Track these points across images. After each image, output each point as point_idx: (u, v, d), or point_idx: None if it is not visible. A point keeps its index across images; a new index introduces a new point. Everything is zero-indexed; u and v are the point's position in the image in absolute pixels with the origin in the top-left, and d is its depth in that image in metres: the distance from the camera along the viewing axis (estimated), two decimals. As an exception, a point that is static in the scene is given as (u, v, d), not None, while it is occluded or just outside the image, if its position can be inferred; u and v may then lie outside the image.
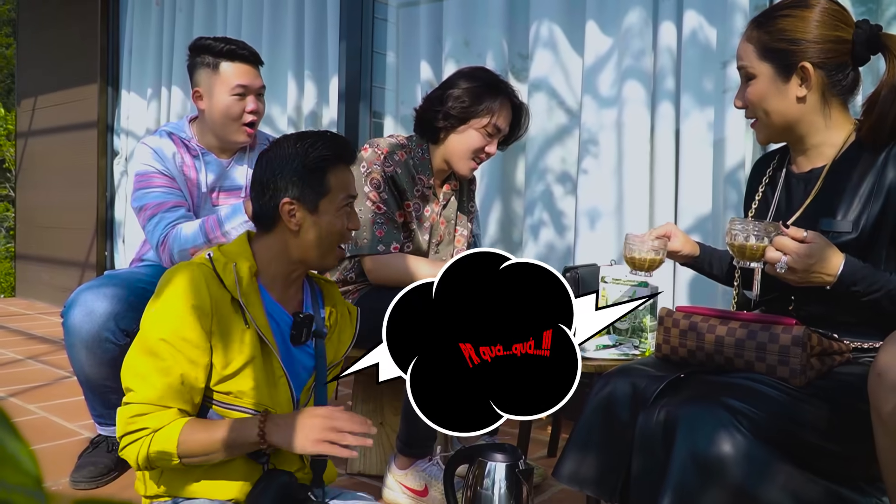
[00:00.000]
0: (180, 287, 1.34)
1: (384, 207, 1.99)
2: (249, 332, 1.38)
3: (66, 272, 5.39)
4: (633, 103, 2.74)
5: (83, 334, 1.93)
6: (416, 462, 1.97)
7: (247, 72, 2.11)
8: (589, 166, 2.86)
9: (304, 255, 1.45)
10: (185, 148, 2.15)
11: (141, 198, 2.08)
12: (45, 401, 2.97)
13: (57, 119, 5.55)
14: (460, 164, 2.09)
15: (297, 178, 1.41)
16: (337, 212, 1.44)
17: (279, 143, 1.46)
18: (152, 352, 1.30)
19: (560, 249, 3.03)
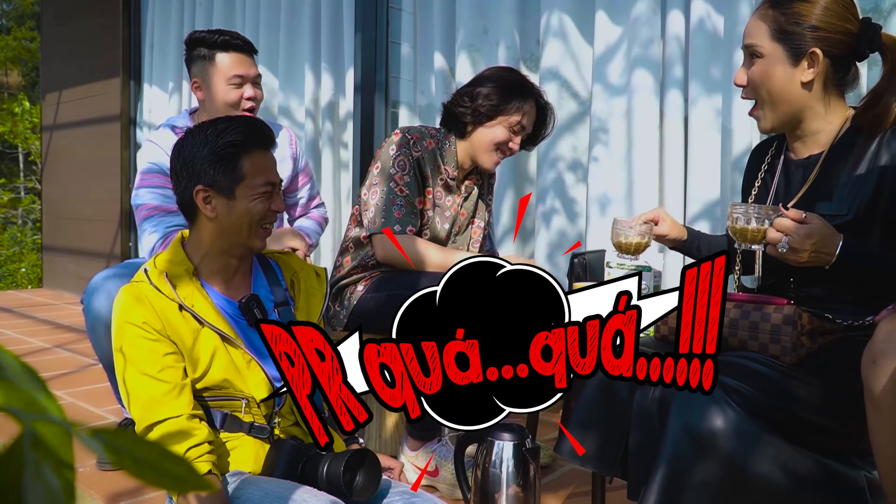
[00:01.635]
0: (127, 311, 1.39)
1: (406, 191, 2.04)
2: (204, 330, 1.42)
3: (91, 263, 5.51)
4: (642, 91, 2.77)
5: (104, 318, 1.99)
6: (427, 443, 2.02)
7: (242, 61, 2.18)
8: (599, 154, 2.90)
9: (229, 242, 1.46)
10: None
11: (141, 196, 2.12)
12: (73, 387, 3.06)
13: (81, 112, 5.66)
14: (484, 157, 2.14)
15: (207, 166, 1.42)
16: (254, 196, 1.43)
17: (191, 132, 1.46)
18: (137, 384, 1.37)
19: (571, 236, 3.07)
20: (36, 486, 0.31)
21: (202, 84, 2.20)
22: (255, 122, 1.48)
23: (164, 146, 2.13)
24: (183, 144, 1.44)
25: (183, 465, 0.35)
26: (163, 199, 2.10)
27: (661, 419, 1.33)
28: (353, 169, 3.83)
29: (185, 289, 1.41)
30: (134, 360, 1.37)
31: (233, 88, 2.16)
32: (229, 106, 2.17)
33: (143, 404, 1.36)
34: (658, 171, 2.79)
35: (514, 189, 3.29)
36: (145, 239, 2.09)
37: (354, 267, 2.16)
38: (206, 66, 2.18)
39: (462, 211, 2.25)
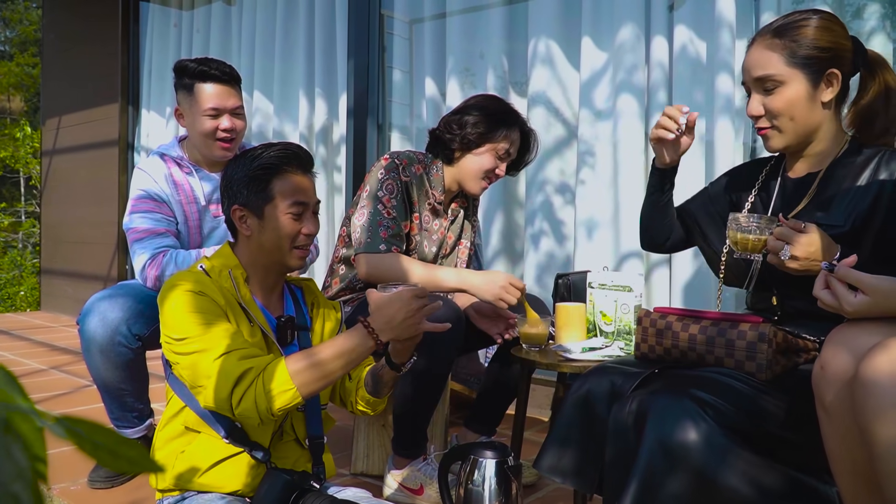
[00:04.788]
0: (189, 286, 1.40)
1: (393, 213, 2.05)
2: (255, 328, 1.47)
3: (88, 286, 5.52)
4: (627, 116, 2.81)
5: (98, 339, 2.01)
6: (412, 462, 2.03)
7: (219, 93, 2.14)
8: (586, 177, 2.94)
9: (265, 259, 1.50)
10: (178, 166, 2.21)
11: (132, 220, 2.14)
12: (68, 408, 3.08)
13: (80, 137, 5.69)
14: (472, 184, 2.17)
15: (242, 187, 1.49)
16: (283, 216, 1.47)
17: (236, 157, 1.53)
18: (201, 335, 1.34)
19: (560, 258, 3.08)
20: (6, 465, 0.35)
21: (184, 112, 2.20)
22: (291, 147, 1.52)
23: (153, 174, 2.18)
24: (227, 168, 1.51)
25: (134, 448, 0.39)
26: (153, 223, 2.13)
27: (637, 433, 1.35)
28: (346, 192, 3.86)
29: (242, 288, 1.47)
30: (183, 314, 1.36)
31: (208, 119, 2.14)
32: (204, 136, 2.16)
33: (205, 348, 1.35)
34: (644, 193, 2.80)
35: (503, 211, 3.31)
36: (136, 260, 2.11)
37: (343, 288, 2.17)
38: (187, 95, 2.17)
39: (449, 234, 2.27)
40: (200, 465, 1.45)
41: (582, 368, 1.81)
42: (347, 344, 1.38)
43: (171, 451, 1.48)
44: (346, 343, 1.38)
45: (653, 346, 1.56)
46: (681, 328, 1.50)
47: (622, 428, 1.39)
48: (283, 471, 1.45)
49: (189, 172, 2.21)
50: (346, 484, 1.92)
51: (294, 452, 1.56)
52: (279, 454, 1.53)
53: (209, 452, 1.45)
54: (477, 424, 2.29)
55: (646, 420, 1.32)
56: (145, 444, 2.12)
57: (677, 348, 1.51)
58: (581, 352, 1.89)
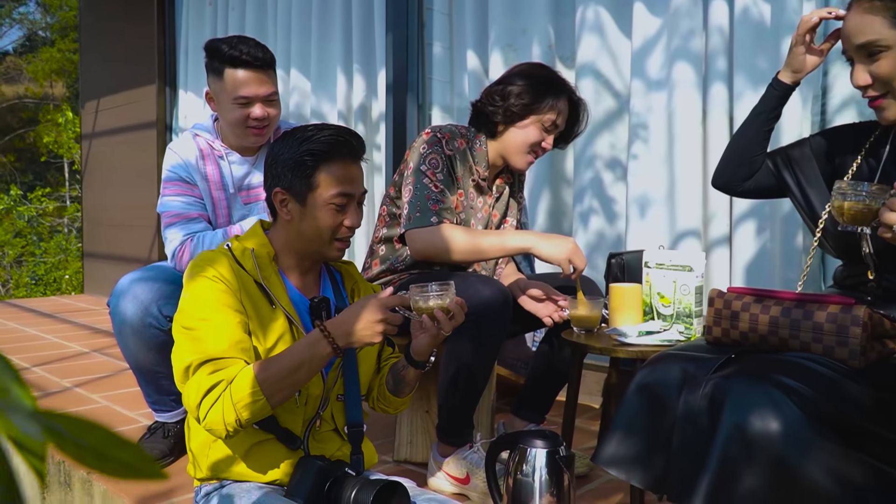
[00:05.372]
0: (207, 270, 1.40)
1: (441, 186, 2.01)
2: (277, 311, 1.44)
3: (129, 268, 5.51)
4: (683, 86, 2.71)
5: (130, 320, 2.01)
6: (457, 450, 1.99)
7: (249, 80, 2.04)
8: (639, 152, 2.84)
9: (303, 247, 1.48)
10: (210, 149, 2.17)
11: (164, 204, 2.13)
12: (108, 391, 3.12)
13: (118, 120, 5.74)
14: (517, 158, 2.10)
15: (286, 170, 1.44)
16: (325, 207, 1.44)
17: (286, 134, 1.49)
18: (202, 318, 1.36)
19: (610, 237, 3.01)
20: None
21: (214, 97, 2.13)
22: (344, 133, 1.47)
23: (183, 154, 2.15)
24: (275, 145, 1.47)
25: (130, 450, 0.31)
26: (184, 207, 2.12)
27: (712, 419, 1.27)
28: (386, 171, 3.81)
29: (265, 269, 1.44)
30: (200, 310, 1.37)
31: (238, 107, 2.06)
32: (234, 125, 2.09)
33: (200, 341, 1.35)
34: (702, 169, 2.72)
35: (549, 189, 3.24)
36: (168, 245, 2.11)
37: (383, 270, 2.15)
38: (217, 79, 2.08)
39: (494, 212, 2.22)
40: (235, 451, 1.44)
41: (638, 353, 1.75)
42: (304, 352, 1.35)
43: (205, 440, 1.46)
44: (303, 351, 1.35)
45: (727, 329, 1.46)
46: (760, 310, 1.40)
47: (694, 413, 1.30)
48: (317, 458, 1.44)
49: (220, 156, 2.17)
50: (389, 472, 1.90)
51: (334, 442, 1.55)
52: (318, 444, 1.52)
53: (241, 439, 1.44)
54: (525, 411, 2.26)
55: (722, 405, 1.24)
56: (183, 430, 2.11)
57: (755, 332, 1.40)
58: (637, 336, 1.83)
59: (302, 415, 1.48)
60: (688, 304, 1.87)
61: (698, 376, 1.34)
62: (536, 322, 2.15)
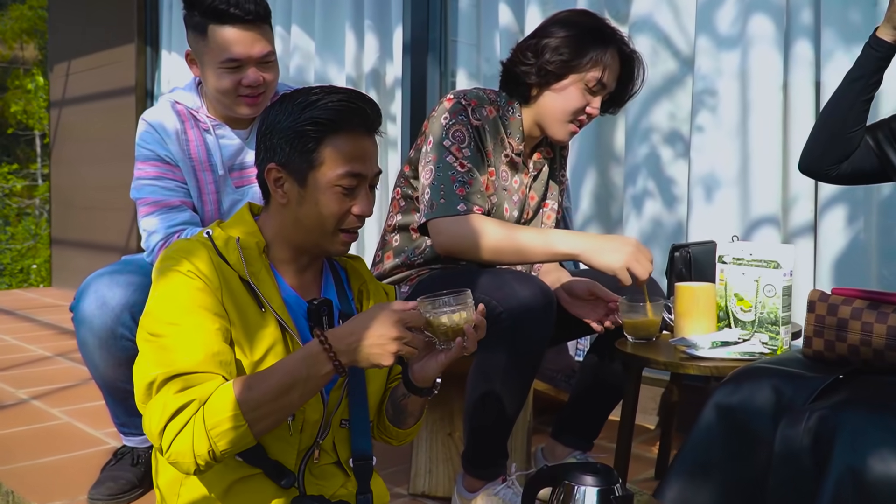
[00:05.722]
0: (180, 263, 1.35)
1: (468, 164, 1.95)
2: (267, 315, 1.39)
3: (105, 258, 5.54)
4: (760, 44, 2.66)
5: (96, 328, 1.94)
6: (487, 484, 1.93)
7: (240, 39, 1.93)
8: (705, 123, 2.79)
9: (301, 237, 1.43)
10: (194, 121, 2.09)
11: (139, 189, 2.06)
12: (71, 404, 3.07)
13: (92, 85, 5.72)
14: (556, 128, 2.04)
15: (284, 142, 1.39)
16: (330, 189, 1.39)
17: (284, 97, 1.43)
18: (171, 322, 1.30)
19: (669, 226, 2.97)
20: None
21: (196, 59, 2.02)
22: (357, 98, 1.40)
23: (160, 127, 2.07)
24: (270, 110, 1.43)
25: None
26: (163, 192, 2.05)
27: (817, 459, 1.24)
28: (403, 147, 3.78)
29: (253, 264, 1.40)
30: (170, 314, 1.31)
31: (226, 73, 1.95)
32: (222, 93, 1.99)
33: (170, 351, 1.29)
34: (781, 144, 2.66)
35: (595, 168, 3.19)
36: (146, 240, 2.04)
37: (398, 265, 2.09)
38: (199, 38, 1.97)
39: (531, 193, 2.17)
40: (212, 490, 1.38)
41: (713, 370, 1.70)
42: (299, 368, 1.28)
43: (176, 475, 1.39)
44: (296, 367, 1.28)
45: (831, 342, 1.40)
46: (875, 318, 1.34)
47: (795, 451, 1.27)
48: (314, 498, 1.40)
49: (206, 129, 2.09)
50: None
51: (336, 478, 1.50)
52: (316, 480, 1.46)
53: (219, 474, 1.37)
54: (569, 436, 2.21)
55: (831, 443, 1.22)
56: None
57: (869, 346, 1.34)
58: (710, 347, 1.76)
59: (296, 444, 1.42)
60: (773, 308, 1.80)
61: (797, 402, 1.31)
62: (583, 328, 2.10)
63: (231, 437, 1.25)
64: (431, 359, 1.38)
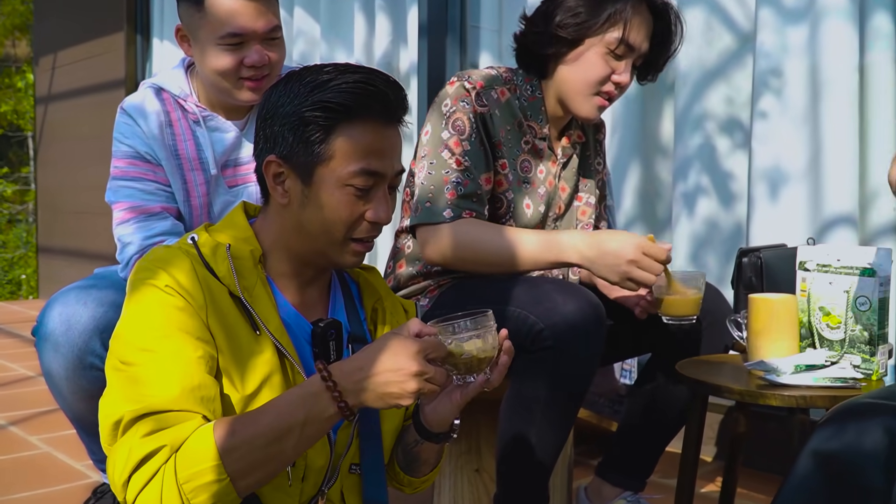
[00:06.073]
0: (157, 276, 1.27)
1: (465, 162, 1.90)
2: (262, 340, 1.31)
3: (94, 267, 5.53)
4: (832, 17, 2.58)
5: (62, 355, 1.85)
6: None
7: (242, 10, 1.86)
8: (768, 109, 2.72)
9: (305, 245, 1.36)
10: (182, 111, 2.01)
11: (115, 191, 2.00)
12: (51, 431, 3.03)
13: (79, 78, 5.76)
14: (580, 103, 1.98)
15: (288, 129, 1.31)
16: (341, 190, 1.30)
17: (289, 75, 1.35)
18: (144, 348, 1.23)
19: (726, 228, 2.92)
20: None
21: (189, 35, 1.95)
22: (377, 79, 1.32)
23: (140, 117, 2.00)
24: (272, 91, 1.37)
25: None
26: (142, 197, 1.98)
27: None
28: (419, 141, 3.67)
29: (246, 277, 1.33)
30: (143, 339, 1.23)
31: (226, 51, 1.87)
32: (220, 75, 1.91)
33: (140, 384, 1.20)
34: (857, 131, 2.59)
35: (640, 162, 3.13)
36: (121, 252, 1.98)
37: (412, 275, 2.02)
38: (193, 10, 1.90)
39: (562, 184, 2.10)
40: None
41: (800, 399, 1.58)
42: (296, 410, 1.18)
43: None
44: (293, 408, 1.18)
45: None
46: None
47: None
48: None
49: (196, 120, 2.02)
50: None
51: None
52: None
53: None
54: (618, 474, 2.11)
55: None
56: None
57: None
58: (793, 372, 1.64)
59: (297, 495, 1.35)
60: (868, 324, 1.68)
61: None
62: (633, 346, 2.08)
63: (209, 492, 1.15)
64: (445, 398, 1.31)
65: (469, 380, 1.27)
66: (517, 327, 1.64)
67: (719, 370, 1.77)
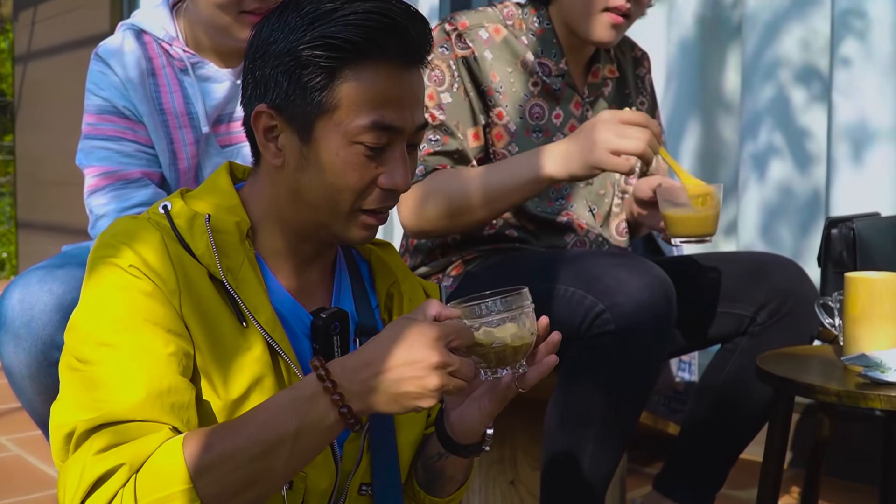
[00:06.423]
0: (120, 253, 1.20)
1: (441, 117, 1.91)
2: (249, 333, 1.24)
3: None
4: None
5: (23, 350, 1.78)
6: None
7: None
8: (851, 55, 2.71)
9: (302, 216, 1.28)
10: (167, 57, 1.97)
11: (88, 153, 1.96)
12: (22, 430, 3.03)
13: (60, 34, 5.77)
14: (589, 25, 1.94)
15: (282, 72, 1.22)
16: (347, 149, 1.22)
17: (293, 2, 1.26)
18: (103, 343, 1.16)
19: (803, 192, 2.92)
20: None
21: None
22: (396, 9, 1.23)
23: (120, 66, 1.95)
24: (262, 24, 1.29)
25: None
26: (119, 160, 1.94)
27: None
28: None
29: (231, 255, 1.25)
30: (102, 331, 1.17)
31: None
32: (217, 7, 1.87)
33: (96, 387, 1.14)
34: None
35: (700, 119, 3.12)
36: (93, 225, 1.96)
37: (430, 251, 2.00)
38: None
39: None
40: None
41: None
42: (284, 419, 1.11)
43: None
44: (280, 417, 1.11)
45: None
46: None
47: None
48: None
49: (184, 68, 1.98)
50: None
51: None
52: None
53: None
54: (681, 487, 2.05)
55: None
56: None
57: None
58: None
59: None
60: None
61: None
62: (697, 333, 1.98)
63: None
64: (472, 404, 1.24)
65: (501, 373, 1.18)
66: (569, 310, 1.58)
67: (807, 365, 1.71)
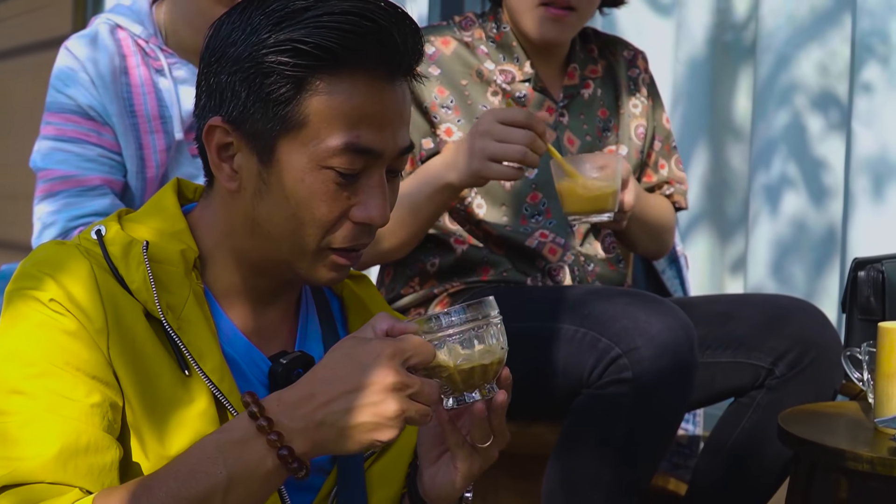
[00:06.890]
0: (41, 285, 1.14)
1: None
2: (192, 384, 1.16)
3: None
4: None
5: None
6: None
7: None
8: (873, 80, 2.71)
9: (260, 251, 1.21)
10: (142, 55, 1.98)
11: (44, 155, 1.96)
12: None
13: (17, 36, 5.77)
14: (527, 21, 1.99)
15: (240, 82, 1.15)
16: (315, 174, 1.15)
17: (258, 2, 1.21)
18: (15, 390, 1.11)
19: (818, 228, 2.91)
20: None
21: None
22: (377, 11, 1.16)
23: (91, 62, 1.97)
24: (221, 23, 1.22)
25: None
26: (79, 165, 1.95)
27: None
28: None
29: (173, 290, 1.18)
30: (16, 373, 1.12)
31: None
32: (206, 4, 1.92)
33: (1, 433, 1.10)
34: None
35: (708, 145, 3.11)
36: (37, 237, 1.96)
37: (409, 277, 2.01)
38: None
39: (567, 135, 2.07)
40: None
41: None
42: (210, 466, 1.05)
43: None
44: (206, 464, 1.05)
45: None
46: None
47: None
48: None
49: (160, 68, 2.01)
50: None
51: None
52: None
53: None
54: None
55: None
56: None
57: None
58: None
59: None
60: None
61: None
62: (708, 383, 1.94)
63: None
64: (445, 464, 1.16)
65: (470, 398, 1.10)
66: (577, 354, 1.58)
67: (832, 425, 1.68)
